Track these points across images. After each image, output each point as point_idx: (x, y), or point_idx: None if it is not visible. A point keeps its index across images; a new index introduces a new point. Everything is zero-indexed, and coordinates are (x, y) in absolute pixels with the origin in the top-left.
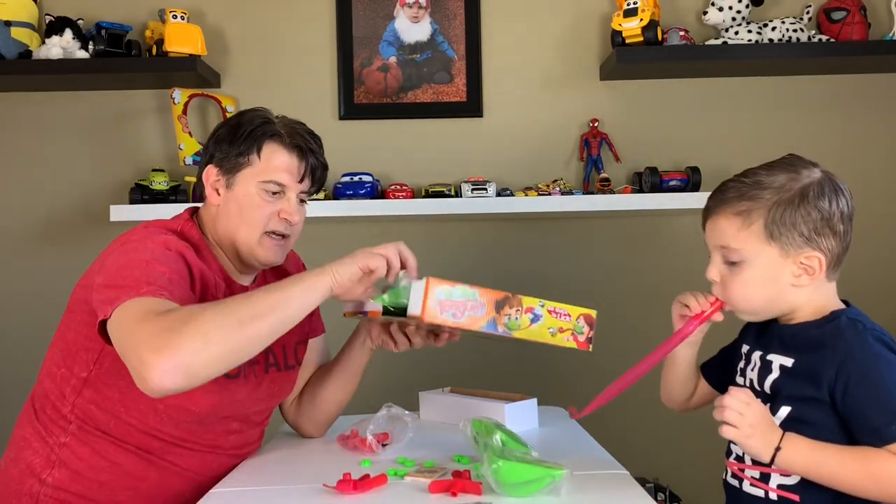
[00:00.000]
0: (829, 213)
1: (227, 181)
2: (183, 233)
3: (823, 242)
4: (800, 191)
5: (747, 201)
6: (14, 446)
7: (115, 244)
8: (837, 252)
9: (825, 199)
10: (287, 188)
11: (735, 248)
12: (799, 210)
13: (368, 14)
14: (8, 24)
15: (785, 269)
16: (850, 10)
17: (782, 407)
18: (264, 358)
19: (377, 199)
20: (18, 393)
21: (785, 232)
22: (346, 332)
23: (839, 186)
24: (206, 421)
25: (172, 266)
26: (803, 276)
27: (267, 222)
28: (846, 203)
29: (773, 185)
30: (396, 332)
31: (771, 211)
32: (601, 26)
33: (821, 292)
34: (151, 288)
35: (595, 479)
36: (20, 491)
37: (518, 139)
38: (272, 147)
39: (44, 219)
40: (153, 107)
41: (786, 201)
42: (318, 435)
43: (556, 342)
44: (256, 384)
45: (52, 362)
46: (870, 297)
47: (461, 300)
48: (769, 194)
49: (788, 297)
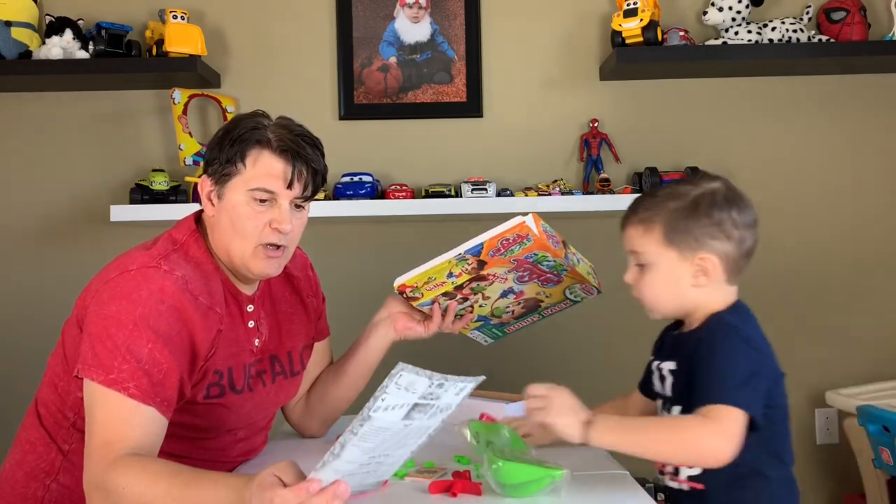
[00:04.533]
0: (719, 220)
1: (218, 191)
2: (187, 248)
3: (717, 246)
4: (693, 200)
5: (649, 210)
6: (19, 449)
7: (115, 271)
8: (734, 257)
9: (717, 207)
10: (277, 195)
11: (640, 251)
12: (692, 217)
13: (368, 14)
14: (8, 25)
15: (683, 270)
16: (850, 10)
17: (674, 407)
18: (271, 367)
19: (377, 200)
20: (19, 392)
21: (680, 236)
22: (346, 333)
23: (734, 197)
24: (214, 433)
25: (161, 328)
26: (701, 276)
27: (259, 234)
28: (740, 212)
29: (672, 196)
30: (437, 310)
31: (669, 217)
32: (601, 26)
33: (721, 293)
34: (122, 376)
35: (595, 479)
36: (25, 494)
37: (518, 139)
38: (258, 152)
39: (44, 219)
40: (153, 107)
41: (682, 209)
42: (320, 434)
43: (590, 280)
44: (264, 394)
45: (54, 373)
46: (870, 294)
47: (552, 233)
48: (668, 203)
49: (690, 296)
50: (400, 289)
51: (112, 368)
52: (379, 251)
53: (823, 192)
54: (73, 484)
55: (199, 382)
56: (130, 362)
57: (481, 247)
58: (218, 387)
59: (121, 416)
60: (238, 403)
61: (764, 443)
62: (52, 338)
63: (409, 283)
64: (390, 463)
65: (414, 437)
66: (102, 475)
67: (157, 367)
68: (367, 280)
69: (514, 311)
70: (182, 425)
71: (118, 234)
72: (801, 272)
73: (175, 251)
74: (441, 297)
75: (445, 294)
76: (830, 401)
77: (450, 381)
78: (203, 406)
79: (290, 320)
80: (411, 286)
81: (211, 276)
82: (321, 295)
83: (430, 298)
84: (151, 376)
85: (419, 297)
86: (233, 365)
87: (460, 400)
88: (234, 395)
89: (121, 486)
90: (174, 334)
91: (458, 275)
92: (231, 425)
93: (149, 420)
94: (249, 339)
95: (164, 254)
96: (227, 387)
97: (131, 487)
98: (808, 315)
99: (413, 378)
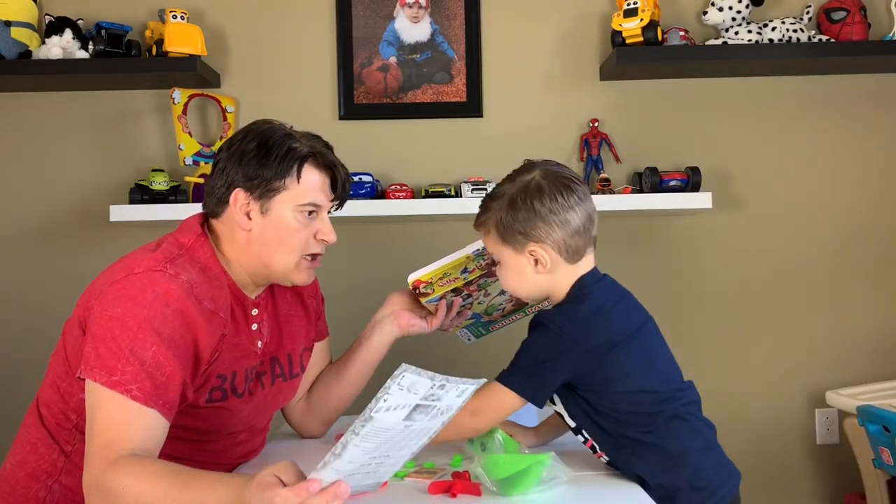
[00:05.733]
0: (537, 210)
1: (261, 206)
2: (193, 251)
3: (542, 235)
4: (510, 198)
5: (483, 214)
6: (20, 450)
7: (120, 272)
8: (563, 239)
9: (531, 199)
10: (321, 208)
11: (490, 250)
12: (511, 213)
13: (368, 14)
14: (8, 24)
15: (523, 262)
16: (850, 10)
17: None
18: (271, 369)
19: (377, 200)
20: (19, 392)
21: (509, 234)
22: (345, 333)
23: (549, 184)
24: (214, 436)
25: (165, 332)
26: (538, 265)
27: (305, 246)
28: (556, 196)
29: (494, 197)
30: (443, 306)
31: (497, 219)
32: (601, 26)
33: (567, 275)
34: (125, 378)
35: (595, 479)
36: (26, 495)
37: (518, 139)
38: (306, 168)
39: (44, 219)
40: (153, 107)
41: (503, 208)
42: (320, 435)
43: None
44: (263, 397)
45: (56, 374)
46: (870, 294)
47: None
48: (494, 205)
49: (540, 284)
50: (415, 284)
51: (115, 370)
52: (379, 251)
53: (823, 192)
54: (76, 485)
55: (202, 387)
56: (134, 364)
57: None
58: (220, 391)
59: (123, 417)
60: (239, 407)
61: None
62: (51, 337)
63: (424, 278)
64: (390, 464)
65: (415, 439)
66: (102, 475)
67: (160, 370)
68: (367, 280)
69: (505, 308)
70: (184, 428)
71: (118, 234)
72: (801, 271)
73: (181, 255)
74: (449, 293)
75: (454, 290)
76: (830, 401)
77: (451, 383)
78: (205, 409)
79: (291, 322)
80: (426, 282)
81: (216, 280)
82: (320, 296)
83: (440, 294)
84: (154, 379)
85: (430, 294)
86: (236, 369)
87: (462, 402)
88: (235, 399)
89: (120, 486)
90: (178, 338)
91: (471, 270)
92: (232, 428)
93: (150, 422)
94: (253, 342)
95: (169, 257)
96: (229, 391)
97: (130, 487)
98: (808, 315)
99: (415, 379)
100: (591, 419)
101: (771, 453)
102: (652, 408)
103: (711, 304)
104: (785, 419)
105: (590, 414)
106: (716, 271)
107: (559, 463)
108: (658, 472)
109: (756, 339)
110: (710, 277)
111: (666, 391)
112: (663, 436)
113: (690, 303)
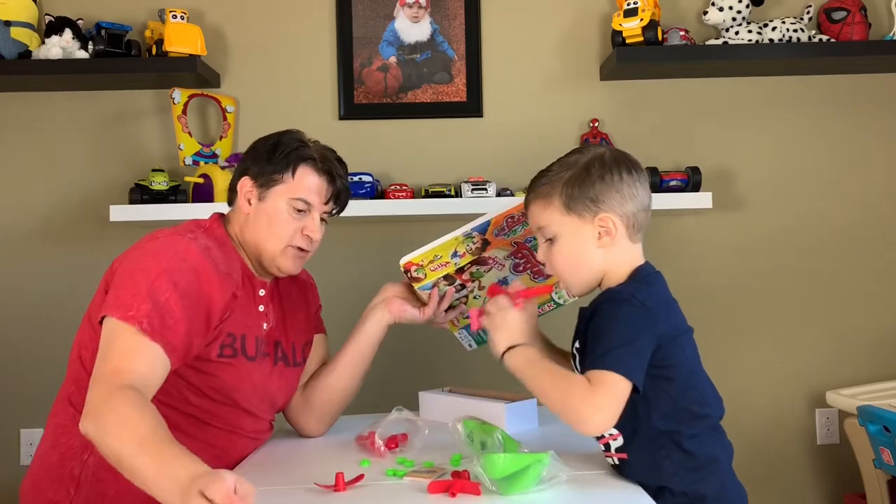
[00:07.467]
0: (611, 180)
1: (259, 194)
2: (211, 230)
3: (614, 205)
4: (584, 165)
5: (546, 185)
6: (50, 435)
7: (145, 239)
8: (632, 212)
9: (607, 169)
10: (313, 207)
11: (545, 225)
12: (586, 181)
13: (368, 14)
14: (8, 24)
15: (587, 233)
16: (851, 10)
17: None
18: (275, 351)
19: (377, 200)
20: (19, 392)
21: (578, 202)
22: (345, 333)
23: (622, 157)
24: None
25: (180, 284)
26: (605, 237)
27: (291, 237)
28: (630, 170)
29: (564, 167)
30: (435, 294)
31: (564, 187)
32: (601, 26)
33: (626, 253)
34: (139, 314)
35: (595, 479)
36: (62, 474)
37: (518, 139)
38: (305, 169)
39: (43, 218)
40: (153, 107)
41: (575, 176)
42: (319, 433)
43: None
44: (269, 372)
45: (82, 344)
46: (870, 294)
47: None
48: (562, 174)
49: (597, 261)
50: (406, 266)
51: (131, 307)
52: (379, 251)
53: (823, 192)
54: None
55: (214, 341)
56: (148, 303)
57: (488, 224)
58: (231, 348)
59: (132, 348)
60: (247, 369)
61: (670, 402)
62: (51, 336)
63: (415, 260)
64: None
65: None
66: (106, 396)
67: (169, 314)
68: (366, 280)
69: None
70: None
71: (118, 234)
72: (802, 271)
73: (199, 230)
74: (442, 281)
75: (446, 277)
76: (830, 401)
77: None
78: (216, 364)
79: (295, 316)
80: (417, 264)
81: (231, 253)
82: (319, 303)
83: (432, 281)
84: (163, 319)
85: (422, 279)
86: (245, 332)
87: None
88: (245, 360)
89: (115, 414)
90: (192, 291)
91: (461, 254)
92: (243, 388)
93: (154, 357)
94: (260, 319)
95: (190, 229)
96: (239, 350)
97: (122, 419)
98: (808, 315)
99: None
100: (646, 406)
101: (771, 453)
102: (701, 409)
103: (711, 304)
104: (785, 419)
105: (648, 400)
106: (716, 271)
107: (559, 462)
108: (687, 479)
109: (756, 339)
110: (710, 277)
111: (712, 397)
112: (703, 442)
113: (690, 303)
